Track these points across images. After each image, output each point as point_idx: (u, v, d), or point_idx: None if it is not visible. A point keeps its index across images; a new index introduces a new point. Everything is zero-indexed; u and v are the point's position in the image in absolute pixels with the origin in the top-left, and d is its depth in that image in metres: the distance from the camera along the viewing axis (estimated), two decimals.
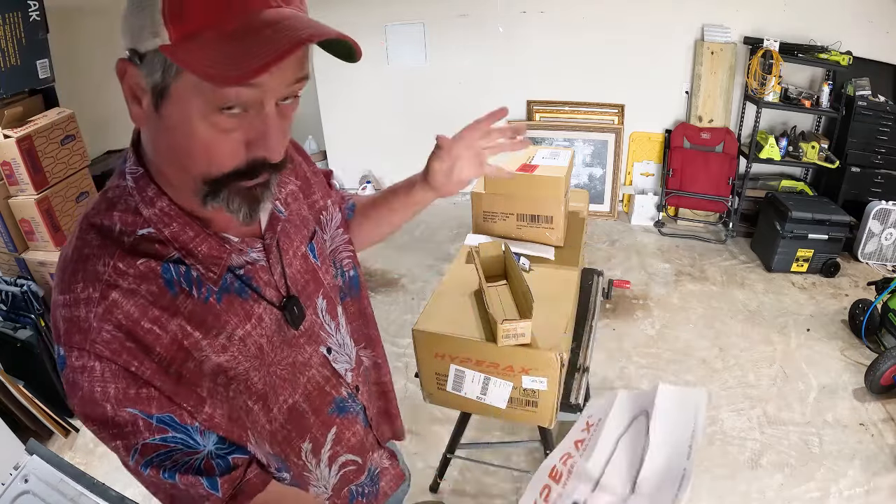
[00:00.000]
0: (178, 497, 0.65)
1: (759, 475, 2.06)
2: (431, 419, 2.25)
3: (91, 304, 0.58)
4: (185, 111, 0.55)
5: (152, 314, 0.61)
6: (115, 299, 0.59)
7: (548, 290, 1.40)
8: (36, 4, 2.30)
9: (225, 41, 0.51)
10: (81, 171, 2.48)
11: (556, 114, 4.05)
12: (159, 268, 0.62)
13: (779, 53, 3.35)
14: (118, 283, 0.59)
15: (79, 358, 0.58)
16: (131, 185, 0.64)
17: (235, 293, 0.69)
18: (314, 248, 0.84)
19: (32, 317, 2.32)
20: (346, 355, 0.89)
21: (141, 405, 0.59)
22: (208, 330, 0.65)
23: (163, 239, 0.63)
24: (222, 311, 0.67)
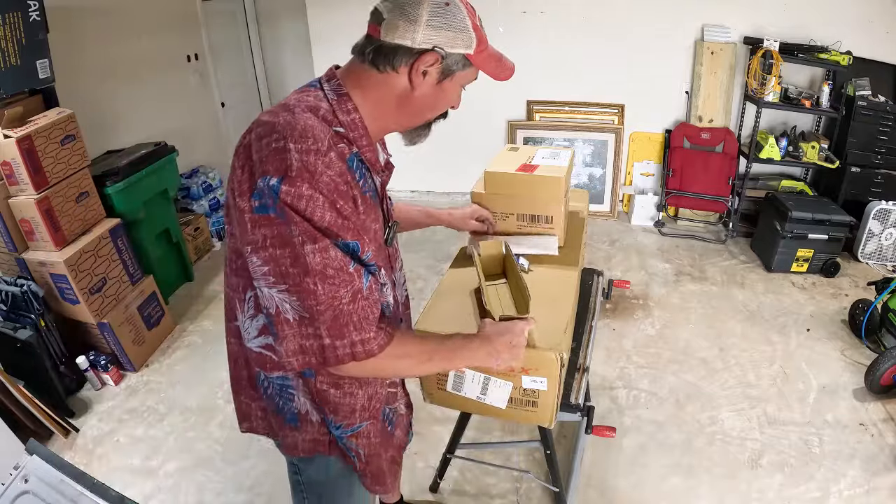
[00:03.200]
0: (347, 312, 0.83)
1: (759, 475, 2.06)
2: (431, 419, 2.25)
3: (319, 155, 0.80)
4: (454, 86, 0.94)
5: (346, 178, 0.84)
6: (332, 157, 0.82)
7: (548, 290, 1.40)
8: (36, 4, 2.30)
9: (490, 60, 0.94)
10: (81, 171, 2.48)
11: (556, 114, 4.05)
12: (347, 154, 0.87)
13: (779, 53, 3.36)
14: (331, 151, 0.82)
15: (308, 189, 0.79)
16: (332, 96, 0.89)
17: (374, 196, 0.94)
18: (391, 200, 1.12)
19: (32, 317, 2.32)
20: (400, 292, 1.13)
21: (342, 232, 0.82)
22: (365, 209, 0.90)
23: (349, 138, 0.89)
24: (370, 203, 0.92)
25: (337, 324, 0.82)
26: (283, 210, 0.78)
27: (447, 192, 4.33)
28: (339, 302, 0.81)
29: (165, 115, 3.63)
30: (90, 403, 2.45)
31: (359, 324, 0.83)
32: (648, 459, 2.13)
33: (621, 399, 2.42)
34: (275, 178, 0.77)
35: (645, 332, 2.85)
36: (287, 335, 0.82)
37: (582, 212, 1.74)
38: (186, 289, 3.30)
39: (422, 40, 0.85)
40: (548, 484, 1.81)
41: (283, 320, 0.82)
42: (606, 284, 1.90)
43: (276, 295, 0.81)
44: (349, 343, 0.83)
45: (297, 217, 0.78)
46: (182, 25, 3.83)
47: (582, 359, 1.56)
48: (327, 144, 0.81)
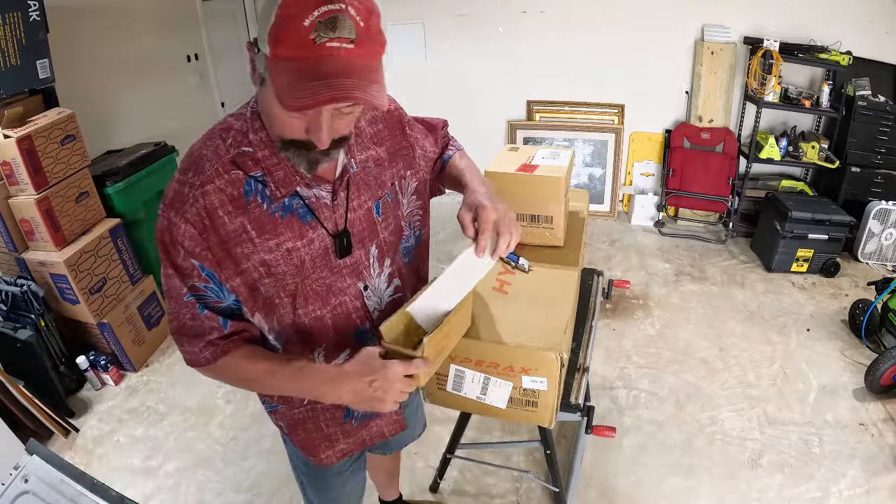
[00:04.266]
0: (189, 326, 0.93)
1: (759, 475, 2.06)
2: (431, 419, 2.24)
3: (193, 188, 0.85)
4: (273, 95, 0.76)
5: (227, 208, 0.86)
6: (207, 190, 0.85)
7: (548, 290, 1.40)
8: (36, 4, 2.30)
9: (294, 75, 0.72)
10: (81, 171, 2.48)
11: (556, 114, 4.05)
12: (244, 179, 0.87)
13: (779, 53, 3.35)
14: (213, 181, 0.85)
15: (175, 217, 0.85)
16: (249, 115, 0.88)
17: (297, 215, 0.91)
18: (379, 206, 1.03)
19: (32, 317, 2.32)
20: (378, 298, 1.07)
21: (199, 259, 0.88)
22: (263, 233, 0.89)
23: (256, 158, 0.87)
24: (280, 224, 0.90)
25: (178, 333, 0.95)
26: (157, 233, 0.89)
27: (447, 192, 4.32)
28: (182, 317, 0.93)
29: (165, 115, 3.63)
30: (90, 403, 2.45)
31: (191, 339, 0.94)
32: (648, 459, 2.13)
33: (621, 399, 2.42)
34: (161, 205, 0.88)
35: (645, 332, 2.85)
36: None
37: (582, 212, 1.74)
38: None
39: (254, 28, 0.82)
40: (548, 484, 1.82)
41: None
42: (606, 284, 1.90)
43: None
44: (185, 352, 0.96)
45: (161, 242, 0.88)
46: (182, 25, 3.82)
47: (582, 359, 1.56)
48: (204, 178, 0.85)
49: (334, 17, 0.71)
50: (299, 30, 0.70)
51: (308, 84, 0.71)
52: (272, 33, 0.72)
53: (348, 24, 0.72)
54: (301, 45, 0.71)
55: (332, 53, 0.72)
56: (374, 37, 0.75)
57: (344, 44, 0.72)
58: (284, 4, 0.71)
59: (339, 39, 0.72)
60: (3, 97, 2.28)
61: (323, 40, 0.71)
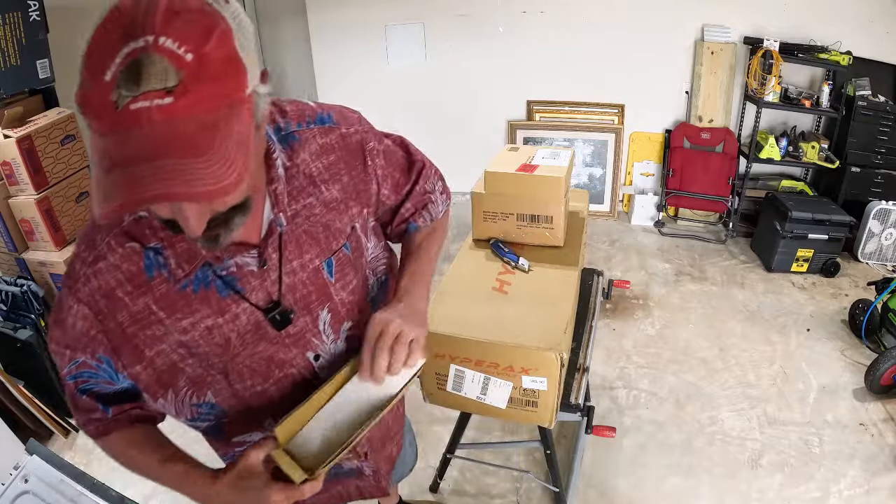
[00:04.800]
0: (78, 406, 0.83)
1: (759, 475, 2.06)
2: (431, 419, 2.25)
3: (85, 265, 0.73)
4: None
5: (125, 288, 0.73)
6: (100, 268, 0.72)
7: (548, 290, 1.40)
8: (36, 4, 2.30)
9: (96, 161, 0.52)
10: (81, 171, 2.48)
11: (556, 114, 4.05)
12: (142, 252, 0.73)
13: (779, 53, 3.35)
14: (106, 256, 0.72)
15: (66, 296, 0.74)
16: None
17: (215, 289, 0.76)
18: (333, 264, 0.85)
19: (32, 317, 2.32)
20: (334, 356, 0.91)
21: (93, 344, 0.76)
22: (173, 312, 0.75)
23: (153, 226, 0.72)
24: (195, 300, 0.75)
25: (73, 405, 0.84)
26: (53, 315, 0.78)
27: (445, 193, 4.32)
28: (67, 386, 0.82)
29: None
30: None
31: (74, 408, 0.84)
32: (648, 459, 2.13)
33: (621, 399, 2.42)
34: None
35: (645, 332, 2.85)
36: None
37: (582, 212, 1.74)
38: None
39: None
40: (548, 484, 1.81)
41: None
42: (606, 284, 1.90)
43: None
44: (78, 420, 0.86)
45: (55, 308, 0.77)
46: None
47: (582, 359, 1.56)
48: (96, 254, 0.72)
49: (137, 60, 0.49)
50: (101, 90, 0.50)
51: (106, 177, 0.50)
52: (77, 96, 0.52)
53: (161, 66, 0.49)
54: (102, 112, 0.50)
55: (137, 121, 0.49)
56: (215, 72, 0.52)
57: (156, 100, 0.49)
58: (87, 52, 0.51)
59: (148, 95, 0.49)
60: (3, 97, 2.28)
61: (126, 101, 0.49)
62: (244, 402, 0.86)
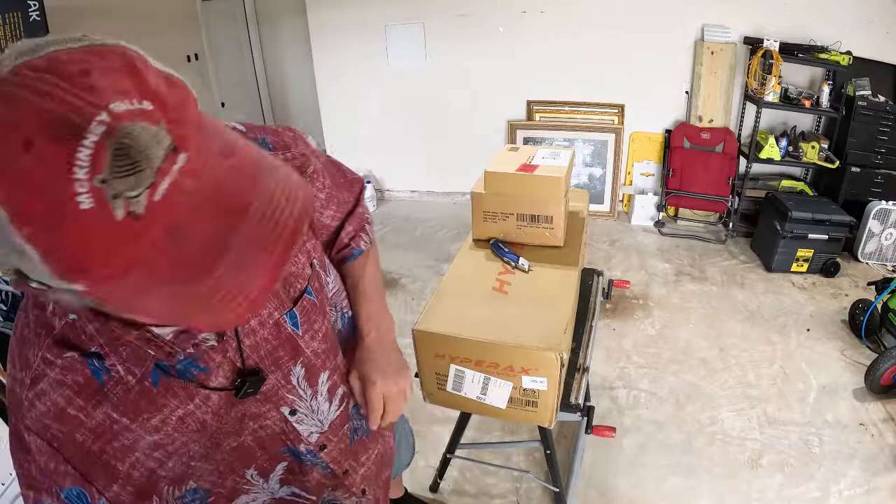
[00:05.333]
0: None
1: (759, 475, 2.06)
2: (431, 419, 2.25)
3: (24, 388, 0.61)
4: None
5: (77, 403, 0.61)
6: (42, 389, 0.60)
7: (548, 290, 1.40)
8: (36, 4, 2.31)
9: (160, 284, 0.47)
10: None
11: (556, 114, 4.05)
12: (84, 360, 0.61)
13: (779, 53, 3.36)
14: (46, 373, 0.60)
15: (17, 428, 0.62)
16: None
17: (177, 376, 0.66)
18: (296, 315, 0.76)
19: None
20: (318, 421, 0.84)
21: (57, 479, 0.62)
22: (138, 414, 0.64)
23: (87, 331, 0.60)
24: (159, 394, 0.65)
25: None
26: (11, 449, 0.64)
27: (447, 192, 4.32)
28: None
29: None
30: None
31: None
32: (648, 459, 2.13)
33: (621, 399, 2.42)
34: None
35: (645, 332, 2.85)
36: None
37: (582, 212, 1.74)
38: None
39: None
40: (548, 484, 1.81)
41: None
42: (606, 284, 1.90)
43: None
44: None
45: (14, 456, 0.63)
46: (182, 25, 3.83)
47: (582, 359, 1.56)
48: (36, 370, 0.60)
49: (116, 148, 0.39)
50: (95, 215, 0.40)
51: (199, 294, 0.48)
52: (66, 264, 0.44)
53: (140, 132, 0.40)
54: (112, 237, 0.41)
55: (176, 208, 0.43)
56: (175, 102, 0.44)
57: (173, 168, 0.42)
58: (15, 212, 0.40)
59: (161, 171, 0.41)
60: None
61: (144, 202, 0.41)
62: (226, 466, 0.78)
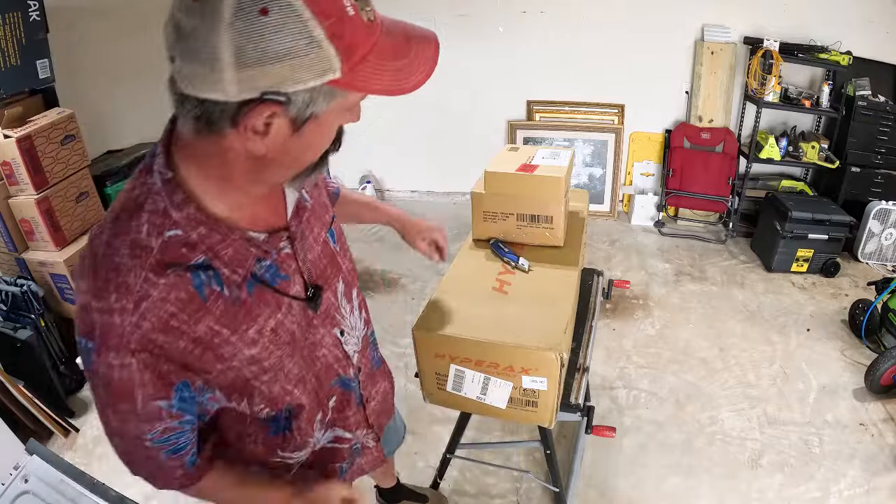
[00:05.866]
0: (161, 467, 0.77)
1: (759, 475, 2.06)
2: (431, 419, 2.25)
3: (125, 314, 0.63)
4: (327, 123, 0.65)
5: (181, 318, 0.66)
6: (146, 308, 0.64)
7: (548, 290, 1.40)
8: (36, 4, 2.30)
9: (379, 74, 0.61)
10: (81, 171, 2.48)
11: (556, 114, 4.05)
12: (188, 275, 0.66)
13: (779, 53, 3.35)
14: (150, 293, 0.64)
15: (115, 357, 0.65)
16: (159, 185, 0.67)
17: (266, 283, 0.74)
18: (334, 233, 0.90)
19: (32, 317, 2.32)
20: (356, 338, 0.96)
21: (164, 393, 0.69)
22: (238, 326, 0.71)
23: (190, 241, 0.66)
24: (253, 304, 0.73)
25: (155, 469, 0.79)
26: (94, 376, 0.68)
27: (447, 192, 4.32)
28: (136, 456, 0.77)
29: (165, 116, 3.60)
30: (90, 403, 2.45)
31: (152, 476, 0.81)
32: (648, 459, 2.13)
33: (621, 399, 2.42)
34: (86, 341, 0.66)
35: (645, 332, 2.85)
36: None
37: (582, 212, 1.74)
38: None
39: (238, 90, 0.56)
40: (548, 484, 1.81)
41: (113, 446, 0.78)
42: (606, 284, 1.90)
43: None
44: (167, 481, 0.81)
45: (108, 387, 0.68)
46: None
47: (582, 359, 1.56)
48: (137, 296, 0.64)
49: None
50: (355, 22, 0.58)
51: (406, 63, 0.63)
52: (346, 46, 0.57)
53: None
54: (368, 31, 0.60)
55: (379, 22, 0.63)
56: None
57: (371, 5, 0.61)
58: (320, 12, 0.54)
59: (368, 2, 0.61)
60: (3, 97, 2.28)
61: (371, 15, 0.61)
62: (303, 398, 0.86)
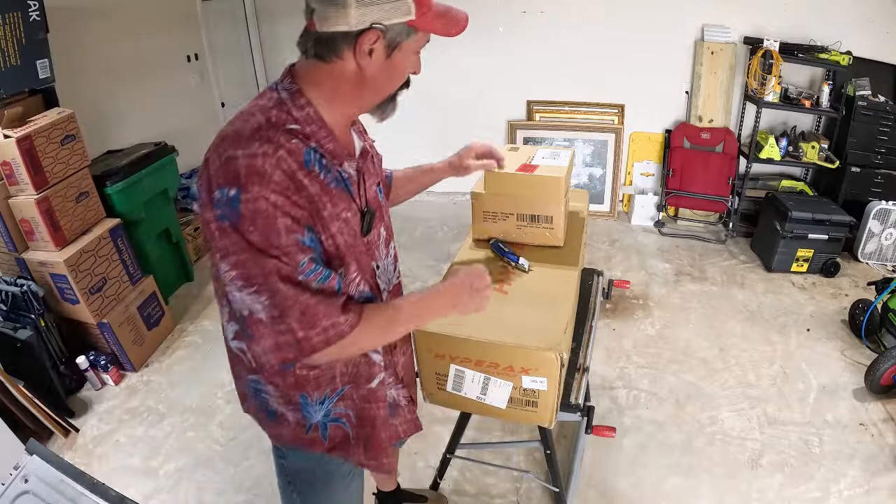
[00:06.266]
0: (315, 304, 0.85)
1: (759, 475, 2.06)
2: (431, 419, 2.25)
3: (267, 157, 0.82)
4: (406, 55, 0.92)
5: (301, 174, 0.85)
6: (282, 156, 0.83)
7: (548, 290, 1.40)
8: (36, 4, 2.30)
9: (437, 20, 0.91)
10: (81, 171, 2.48)
11: (556, 114, 4.05)
12: (303, 148, 0.87)
13: (779, 53, 3.36)
14: (283, 146, 0.84)
15: (260, 191, 0.80)
16: (285, 95, 0.91)
17: (345, 187, 0.95)
18: (381, 190, 1.12)
19: (32, 317, 2.32)
20: (387, 280, 1.13)
21: (302, 224, 0.85)
22: (329, 199, 0.90)
23: (304, 133, 0.89)
24: (335, 195, 0.92)
25: (306, 316, 0.85)
26: (240, 218, 0.80)
27: (447, 192, 4.33)
28: (304, 295, 0.84)
29: (165, 115, 3.63)
30: (90, 403, 2.45)
31: (326, 311, 0.86)
32: (648, 459, 2.13)
33: (621, 399, 2.42)
34: (229, 190, 0.80)
35: (645, 332, 2.85)
36: (262, 334, 0.85)
37: (582, 212, 1.74)
38: (186, 289, 3.30)
39: (357, 21, 0.84)
40: (548, 484, 1.81)
41: (257, 320, 0.85)
42: (606, 284, 1.90)
43: (247, 297, 0.84)
44: (321, 330, 0.86)
45: (255, 222, 0.81)
46: (182, 25, 3.82)
47: (582, 359, 1.56)
48: (275, 145, 0.83)
49: None
50: None
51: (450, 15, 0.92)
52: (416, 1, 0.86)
53: None
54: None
55: None
56: None
57: None
58: None
59: None
60: (3, 97, 2.28)
61: None
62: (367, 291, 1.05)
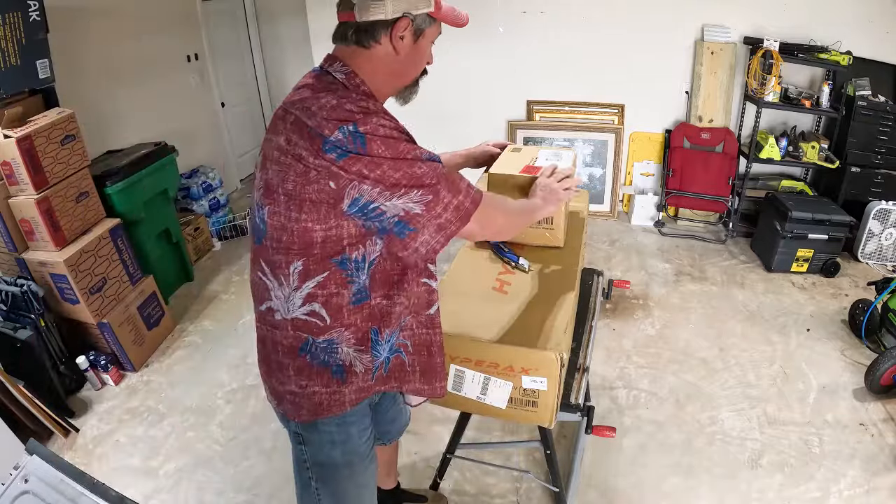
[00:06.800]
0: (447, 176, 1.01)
1: (759, 475, 2.06)
2: (431, 419, 2.25)
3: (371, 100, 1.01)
4: (427, 43, 1.08)
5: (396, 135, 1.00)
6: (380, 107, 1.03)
7: (548, 290, 1.40)
8: (36, 4, 2.30)
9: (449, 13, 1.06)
10: (81, 171, 2.48)
11: (556, 114, 4.05)
12: None
13: (779, 53, 3.36)
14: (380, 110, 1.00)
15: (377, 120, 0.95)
16: (341, 76, 1.03)
17: None
18: None
19: (32, 317, 2.32)
20: None
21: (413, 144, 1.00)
22: None
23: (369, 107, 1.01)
24: None
25: (451, 184, 1.01)
26: (367, 141, 0.93)
27: None
28: (440, 168, 1.00)
29: (165, 115, 3.63)
30: (90, 403, 2.45)
31: (459, 178, 1.04)
32: (648, 459, 2.13)
33: (621, 399, 2.42)
34: (348, 125, 0.93)
35: (645, 332, 2.85)
36: (424, 225, 0.98)
37: (582, 212, 1.74)
38: (186, 289, 3.30)
39: (392, 11, 0.99)
40: (548, 484, 1.81)
41: (415, 215, 0.97)
42: (606, 284, 1.90)
43: (398, 202, 0.96)
44: (465, 192, 1.03)
45: (379, 139, 0.94)
46: (182, 25, 3.83)
47: (582, 359, 1.56)
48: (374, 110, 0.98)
49: None
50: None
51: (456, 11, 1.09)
52: None
53: None
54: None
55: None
56: None
57: None
58: None
59: None
60: (3, 97, 2.28)
61: None
62: None
